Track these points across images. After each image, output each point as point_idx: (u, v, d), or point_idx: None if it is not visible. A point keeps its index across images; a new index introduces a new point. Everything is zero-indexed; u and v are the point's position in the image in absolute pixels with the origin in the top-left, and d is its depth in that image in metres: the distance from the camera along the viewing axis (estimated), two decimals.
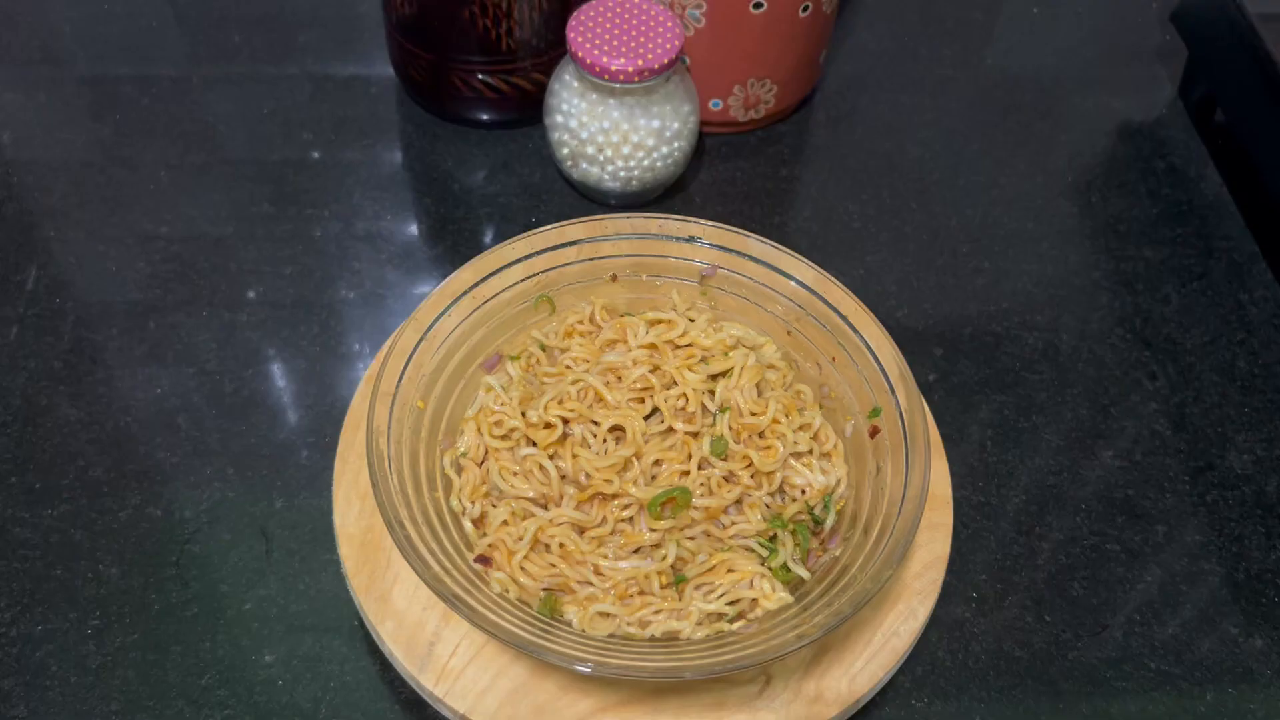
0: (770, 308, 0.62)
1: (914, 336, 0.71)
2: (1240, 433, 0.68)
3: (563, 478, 0.55)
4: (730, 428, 0.56)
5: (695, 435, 0.56)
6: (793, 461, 0.57)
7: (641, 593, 0.53)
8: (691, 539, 0.54)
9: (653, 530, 0.54)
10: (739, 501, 0.55)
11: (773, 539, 0.54)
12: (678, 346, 0.60)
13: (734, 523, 0.55)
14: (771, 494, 0.56)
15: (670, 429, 0.57)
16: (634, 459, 0.55)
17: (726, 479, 0.56)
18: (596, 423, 0.56)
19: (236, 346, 0.68)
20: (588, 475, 0.55)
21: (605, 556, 0.53)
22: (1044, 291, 0.74)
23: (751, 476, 0.56)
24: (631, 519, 0.54)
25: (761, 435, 0.57)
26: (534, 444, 0.56)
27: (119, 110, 0.81)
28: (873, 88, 0.87)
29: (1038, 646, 0.59)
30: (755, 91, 0.78)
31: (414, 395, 0.56)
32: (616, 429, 0.56)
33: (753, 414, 0.57)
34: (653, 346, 0.60)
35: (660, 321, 0.61)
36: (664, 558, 0.53)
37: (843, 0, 0.88)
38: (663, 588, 0.53)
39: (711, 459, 0.55)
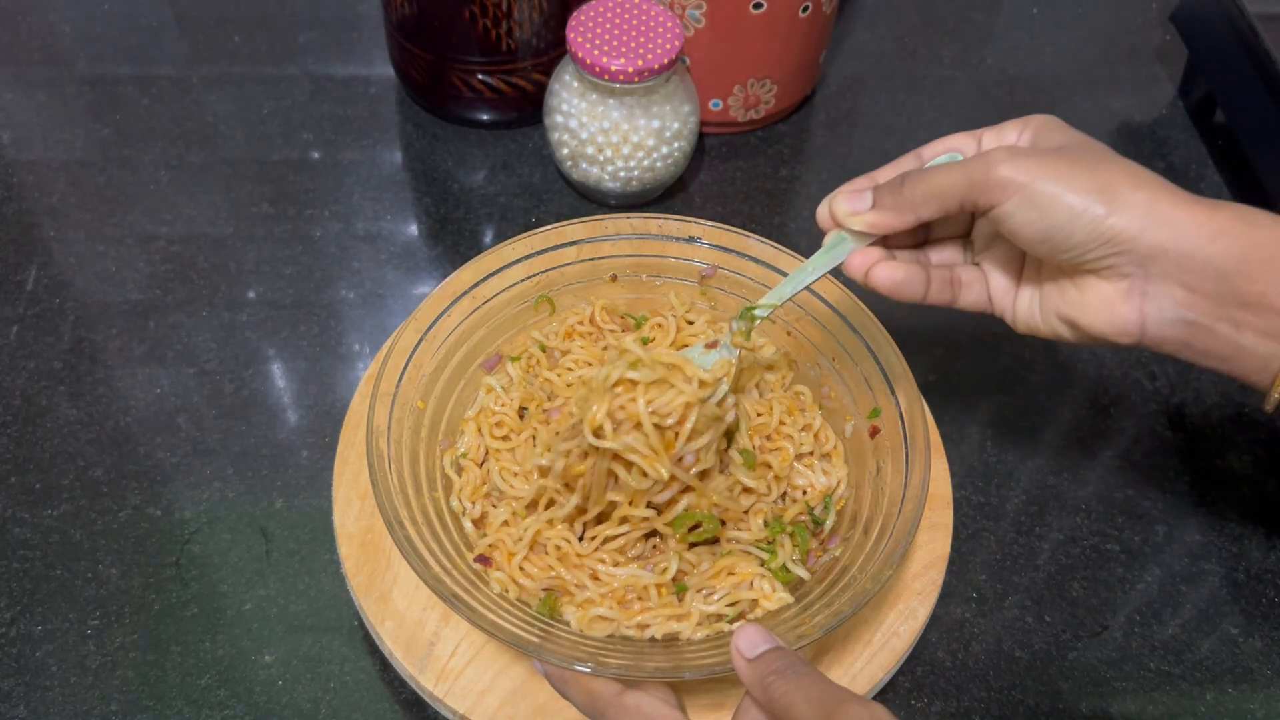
0: None
1: (914, 336, 0.71)
2: (1240, 433, 0.68)
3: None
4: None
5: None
6: (796, 463, 0.57)
7: (640, 599, 0.52)
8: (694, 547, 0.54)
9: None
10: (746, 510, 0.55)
11: (772, 542, 0.54)
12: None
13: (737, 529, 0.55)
14: (778, 498, 0.56)
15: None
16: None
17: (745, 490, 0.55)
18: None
19: (236, 346, 0.68)
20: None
21: (602, 561, 0.53)
22: None
23: (767, 486, 0.55)
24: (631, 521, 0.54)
25: (769, 438, 0.57)
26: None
27: (119, 110, 0.81)
28: (873, 88, 0.87)
29: (1038, 646, 0.58)
30: (755, 91, 0.78)
31: (414, 395, 0.56)
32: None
33: (759, 414, 0.57)
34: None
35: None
36: (664, 570, 0.52)
37: (843, 0, 0.88)
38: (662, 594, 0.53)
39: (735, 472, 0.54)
